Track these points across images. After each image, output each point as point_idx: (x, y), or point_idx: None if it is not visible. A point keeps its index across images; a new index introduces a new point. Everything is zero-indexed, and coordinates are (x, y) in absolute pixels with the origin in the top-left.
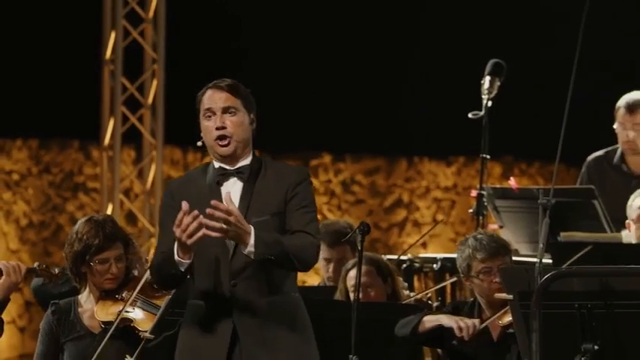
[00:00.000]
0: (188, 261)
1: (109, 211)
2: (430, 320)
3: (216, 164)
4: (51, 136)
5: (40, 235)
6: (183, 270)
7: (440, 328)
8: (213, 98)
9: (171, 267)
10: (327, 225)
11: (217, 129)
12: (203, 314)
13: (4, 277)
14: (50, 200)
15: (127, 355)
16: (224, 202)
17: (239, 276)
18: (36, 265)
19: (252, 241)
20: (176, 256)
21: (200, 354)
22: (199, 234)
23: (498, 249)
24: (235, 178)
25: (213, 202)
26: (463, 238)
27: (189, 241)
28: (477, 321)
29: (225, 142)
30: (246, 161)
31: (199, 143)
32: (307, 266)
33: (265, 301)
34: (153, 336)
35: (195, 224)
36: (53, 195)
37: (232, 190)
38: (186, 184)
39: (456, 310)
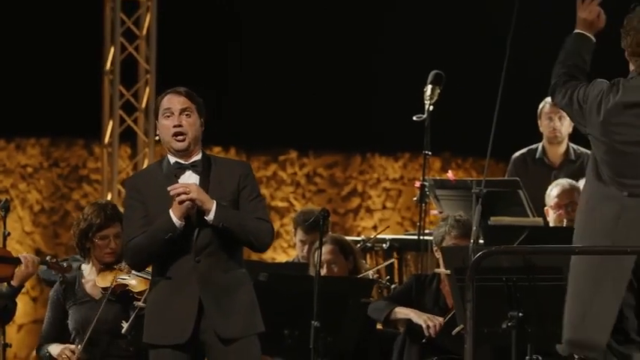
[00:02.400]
0: (183, 222)
1: (108, 199)
2: (401, 312)
3: (172, 159)
4: (59, 135)
5: (51, 220)
6: (179, 231)
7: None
8: (172, 101)
9: (167, 232)
10: (304, 213)
11: (175, 126)
12: (171, 288)
13: (23, 267)
14: (59, 190)
15: (123, 321)
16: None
17: (202, 253)
18: (48, 258)
19: (213, 207)
20: (174, 219)
21: (171, 323)
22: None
23: (468, 232)
24: (190, 171)
25: (169, 187)
26: (447, 216)
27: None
28: (441, 319)
29: (182, 138)
30: (198, 157)
31: (157, 138)
32: (264, 247)
33: (223, 275)
34: (145, 304)
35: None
36: (61, 185)
37: (189, 181)
38: (147, 177)
39: (418, 282)
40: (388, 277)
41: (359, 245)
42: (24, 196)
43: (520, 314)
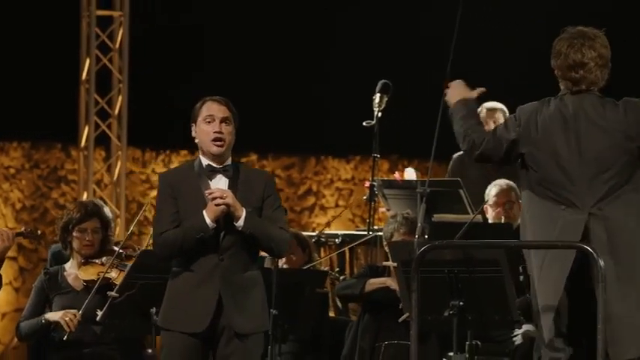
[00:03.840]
0: (215, 225)
1: (84, 199)
2: (376, 282)
3: (205, 161)
4: (40, 139)
5: (31, 217)
6: (211, 232)
7: (385, 290)
8: (214, 108)
9: (199, 231)
10: None
11: (216, 132)
12: (193, 281)
13: None
14: (39, 189)
15: (98, 309)
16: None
17: (226, 253)
18: (23, 229)
19: (243, 215)
20: (207, 221)
21: (191, 312)
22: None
23: (415, 229)
24: (221, 175)
25: (207, 191)
26: (396, 214)
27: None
28: None
29: (221, 144)
30: (229, 162)
31: (196, 140)
32: (282, 254)
33: (242, 274)
34: (118, 295)
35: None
36: (41, 185)
37: (219, 183)
38: (180, 175)
39: (372, 271)
40: (338, 269)
41: (313, 240)
42: (7, 195)
43: (461, 303)
